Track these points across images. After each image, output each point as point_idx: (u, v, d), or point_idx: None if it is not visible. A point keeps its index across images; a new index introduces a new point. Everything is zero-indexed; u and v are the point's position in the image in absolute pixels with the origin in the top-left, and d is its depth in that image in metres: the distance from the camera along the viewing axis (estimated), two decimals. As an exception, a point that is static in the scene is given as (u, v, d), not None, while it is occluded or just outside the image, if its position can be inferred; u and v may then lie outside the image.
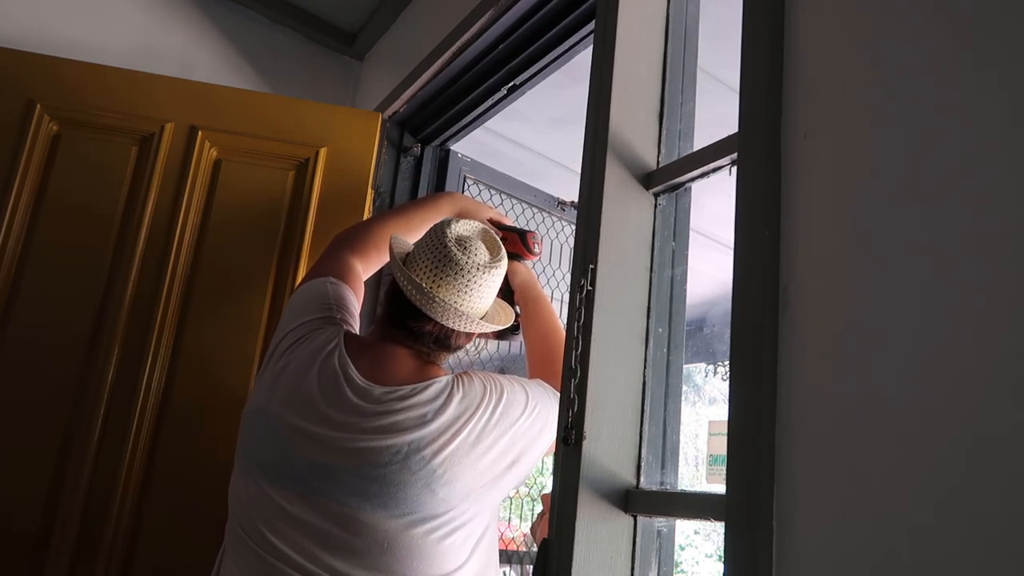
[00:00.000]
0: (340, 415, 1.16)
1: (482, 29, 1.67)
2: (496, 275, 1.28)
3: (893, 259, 0.71)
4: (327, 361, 1.22)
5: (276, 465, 1.16)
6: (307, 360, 1.23)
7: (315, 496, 1.13)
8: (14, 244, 1.65)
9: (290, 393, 1.20)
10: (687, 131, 1.22)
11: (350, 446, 1.14)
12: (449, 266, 1.23)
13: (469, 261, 1.24)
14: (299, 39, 2.34)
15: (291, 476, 1.14)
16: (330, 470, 1.13)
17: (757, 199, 0.85)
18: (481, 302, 1.27)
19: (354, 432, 1.14)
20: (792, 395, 0.76)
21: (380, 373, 1.22)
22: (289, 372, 1.23)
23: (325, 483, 1.13)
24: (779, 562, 0.72)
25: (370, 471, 1.12)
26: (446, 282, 1.23)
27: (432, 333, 1.26)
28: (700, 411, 5.62)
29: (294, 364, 1.23)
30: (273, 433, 1.18)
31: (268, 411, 1.20)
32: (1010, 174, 0.63)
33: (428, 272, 1.24)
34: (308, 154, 1.82)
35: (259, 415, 1.21)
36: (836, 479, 0.70)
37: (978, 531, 0.59)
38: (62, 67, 1.76)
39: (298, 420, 1.17)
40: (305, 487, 1.13)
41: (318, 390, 1.19)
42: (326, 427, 1.15)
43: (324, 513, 1.12)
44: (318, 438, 1.15)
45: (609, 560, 1.00)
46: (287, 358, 1.25)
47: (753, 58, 0.91)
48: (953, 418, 0.63)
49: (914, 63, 0.74)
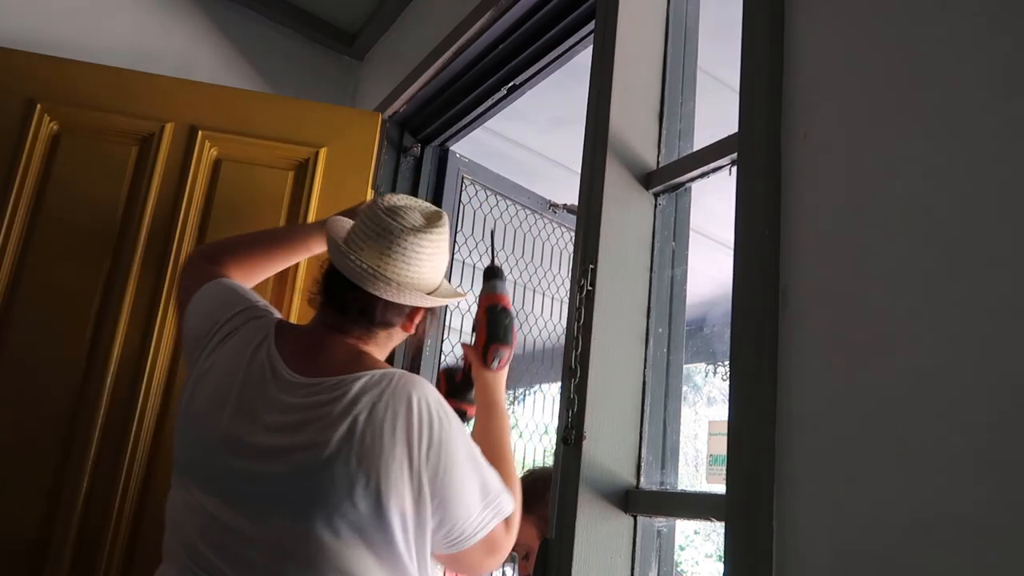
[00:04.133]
0: (268, 414, 1.09)
1: (482, 29, 1.67)
2: (430, 241, 1.20)
3: (893, 259, 0.71)
4: (255, 356, 1.16)
5: (203, 471, 1.10)
6: (234, 358, 1.17)
7: (245, 503, 1.06)
8: (14, 244, 1.65)
9: (218, 393, 1.14)
10: (687, 131, 1.23)
11: (275, 445, 1.07)
12: (375, 230, 1.18)
13: (396, 225, 1.17)
14: (299, 39, 2.34)
15: (219, 482, 1.08)
16: (257, 475, 1.06)
17: (757, 199, 0.85)
18: (410, 270, 1.18)
19: (279, 432, 1.08)
20: (792, 395, 0.76)
21: (310, 364, 1.14)
22: (215, 373, 1.17)
23: (255, 488, 1.06)
24: (779, 562, 0.72)
25: (294, 474, 1.04)
26: (369, 245, 1.17)
27: (356, 302, 1.18)
28: (700, 411, 5.62)
29: (220, 363, 1.18)
30: (200, 438, 1.12)
31: (190, 414, 1.15)
32: (1011, 173, 0.63)
33: (356, 240, 1.19)
34: (308, 154, 1.82)
35: (184, 419, 1.16)
36: (836, 479, 0.70)
37: (978, 531, 0.59)
38: (62, 67, 1.76)
39: (226, 422, 1.10)
40: (235, 493, 1.07)
41: (245, 389, 1.13)
42: (254, 428, 1.09)
43: (256, 520, 1.05)
44: (245, 441, 1.08)
45: (609, 560, 1.00)
46: (212, 358, 1.19)
47: (753, 58, 0.91)
48: (953, 418, 0.63)
49: (914, 63, 0.74)
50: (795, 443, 0.75)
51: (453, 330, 2.23)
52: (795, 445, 0.75)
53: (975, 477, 0.60)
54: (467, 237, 2.23)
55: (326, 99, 2.26)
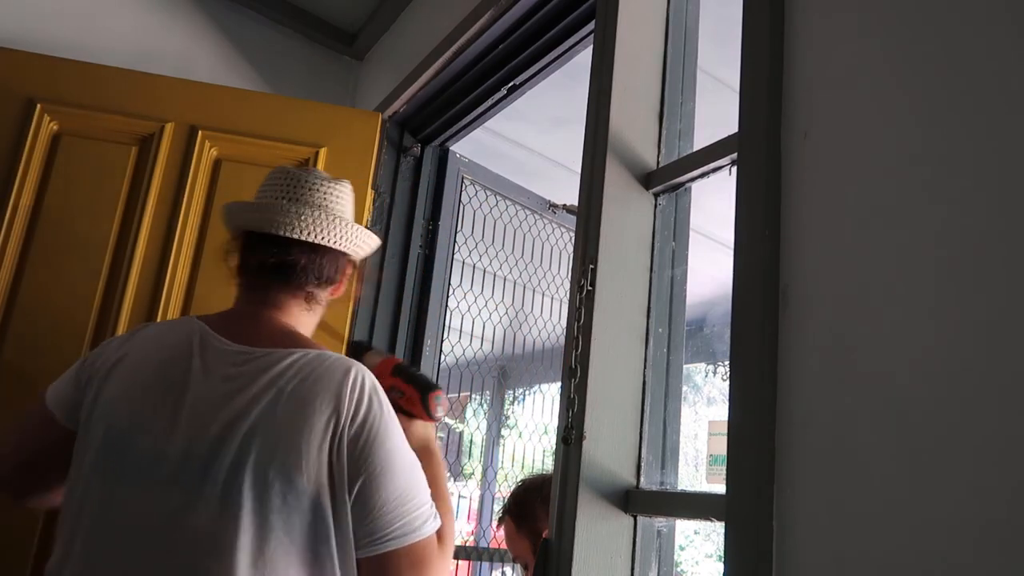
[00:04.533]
0: (202, 384, 1.03)
1: (482, 29, 1.67)
2: (342, 189, 1.20)
3: (893, 259, 0.71)
4: (182, 342, 1.08)
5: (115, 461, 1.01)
6: (153, 347, 1.09)
7: (161, 488, 0.98)
8: (14, 244, 1.65)
9: (133, 379, 1.06)
10: (687, 131, 1.22)
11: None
12: (282, 182, 1.17)
13: (302, 173, 1.18)
14: (299, 39, 2.34)
15: (132, 470, 1.00)
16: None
17: (757, 199, 0.85)
18: (328, 199, 1.17)
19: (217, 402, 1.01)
20: (792, 395, 0.76)
21: (240, 335, 1.08)
22: (128, 364, 1.08)
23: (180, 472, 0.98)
24: (779, 562, 0.72)
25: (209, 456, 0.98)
26: (270, 193, 1.17)
27: (267, 260, 1.12)
28: (700, 411, 5.62)
29: (133, 355, 1.09)
30: (112, 428, 1.03)
31: (98, 408, 1.06)
32: (1012, 172, 0.63)
33: (264, 194, 1.19)
34: (308, 154, 1.82)
35: (90, 423, 1.06)
36: (836, 479, 0.70)
37: (979, 531, 0.59)
38: (62, 67, 1.76)
39: (143, 407, 1.03)
40: (151, 479, 0.99)
41: (168, 370, 1.05)
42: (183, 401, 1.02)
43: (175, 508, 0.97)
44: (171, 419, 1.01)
45: (609, 560, 1.00)
46: (118, 364, 1.09)
47: (753, 58, 0.91)
48: (953, 417, 0.63)
49: (914, 62, 0.74)
50: (795, 443, 0.75)
51: (453, 330, 2.23)
52: (795, 445, 0.75)
53: (976, 477, 0.60)
54: (467, 237, 2.23)
55: (326, 99, 2.26)
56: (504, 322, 2.50)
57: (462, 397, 3.26)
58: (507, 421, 3.23)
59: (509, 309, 2.50)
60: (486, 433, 3.12)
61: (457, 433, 3.53)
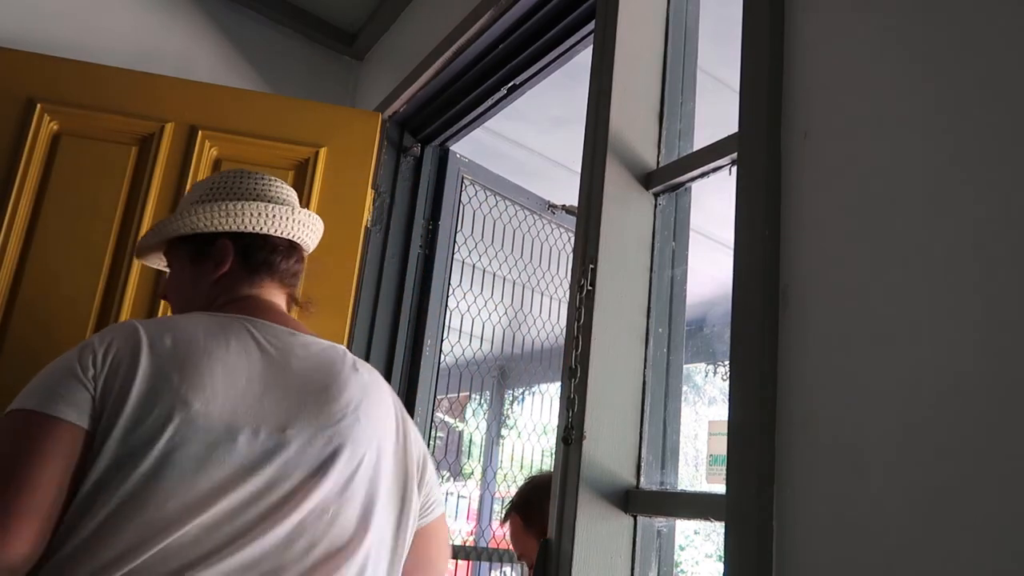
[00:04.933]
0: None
1: (482, 29, 1.67)
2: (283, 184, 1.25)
3: (893, 258, 0.71)
4: (231, 337, 1.04)
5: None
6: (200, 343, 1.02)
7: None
8: (14, 244, 1.65)
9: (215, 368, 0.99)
10: (687, 131, 1.22)
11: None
12: (235, 179, 1.20)
13: (250, 172, 1.23)
14: (299, 39, 2.34)
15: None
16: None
17: (757, 199, 0.85)
18: (293, 196, 1.23)
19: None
20: (792, 395, 0.76)
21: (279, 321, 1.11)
22: (198, 354, 1.00)
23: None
24: (779, 562, 0.72)
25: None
26: (241, 192, 1.18)
27: (270, 259, 1.17)
28: (700, 411, 5.62)
29: (203, 345, 1.02)
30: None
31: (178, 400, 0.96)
32: (1012, 172, 0.63)
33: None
34: (308, 154, 1.82)
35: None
36: (836, 479, 0.70)
37: (978, 531, 0.59)
38: (62, 67, 1.76)
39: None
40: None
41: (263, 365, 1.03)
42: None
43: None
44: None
45: (609, 560, 1.00)
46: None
47: (753, 58, 0.91)
48: (953, 417, 0.63)
49: (914, 62, 0.74)
50: (795, 443, 0.75)
51: (452, 330, 2.23)
52: (795, 445, 0.75)
53: (976, 476, 0.60)
54: (467, 237, 2.23)
55: (326, 99, 2.26)
56: (504, 322, 2.51)
57: (462, 397, 3.26)
58: (507, 421, 3.23)
59: (509, 309, 2.50)
60: (486, 433, 3.12)
61: (457, 433, 3.53)
